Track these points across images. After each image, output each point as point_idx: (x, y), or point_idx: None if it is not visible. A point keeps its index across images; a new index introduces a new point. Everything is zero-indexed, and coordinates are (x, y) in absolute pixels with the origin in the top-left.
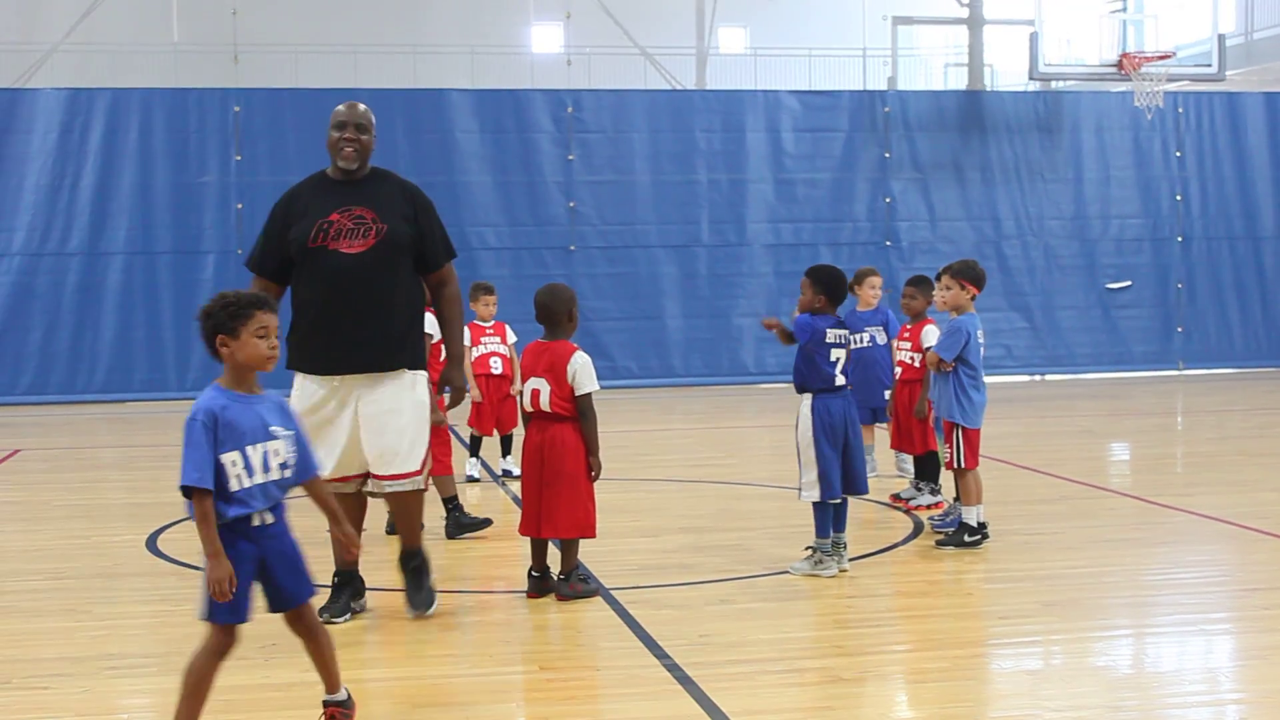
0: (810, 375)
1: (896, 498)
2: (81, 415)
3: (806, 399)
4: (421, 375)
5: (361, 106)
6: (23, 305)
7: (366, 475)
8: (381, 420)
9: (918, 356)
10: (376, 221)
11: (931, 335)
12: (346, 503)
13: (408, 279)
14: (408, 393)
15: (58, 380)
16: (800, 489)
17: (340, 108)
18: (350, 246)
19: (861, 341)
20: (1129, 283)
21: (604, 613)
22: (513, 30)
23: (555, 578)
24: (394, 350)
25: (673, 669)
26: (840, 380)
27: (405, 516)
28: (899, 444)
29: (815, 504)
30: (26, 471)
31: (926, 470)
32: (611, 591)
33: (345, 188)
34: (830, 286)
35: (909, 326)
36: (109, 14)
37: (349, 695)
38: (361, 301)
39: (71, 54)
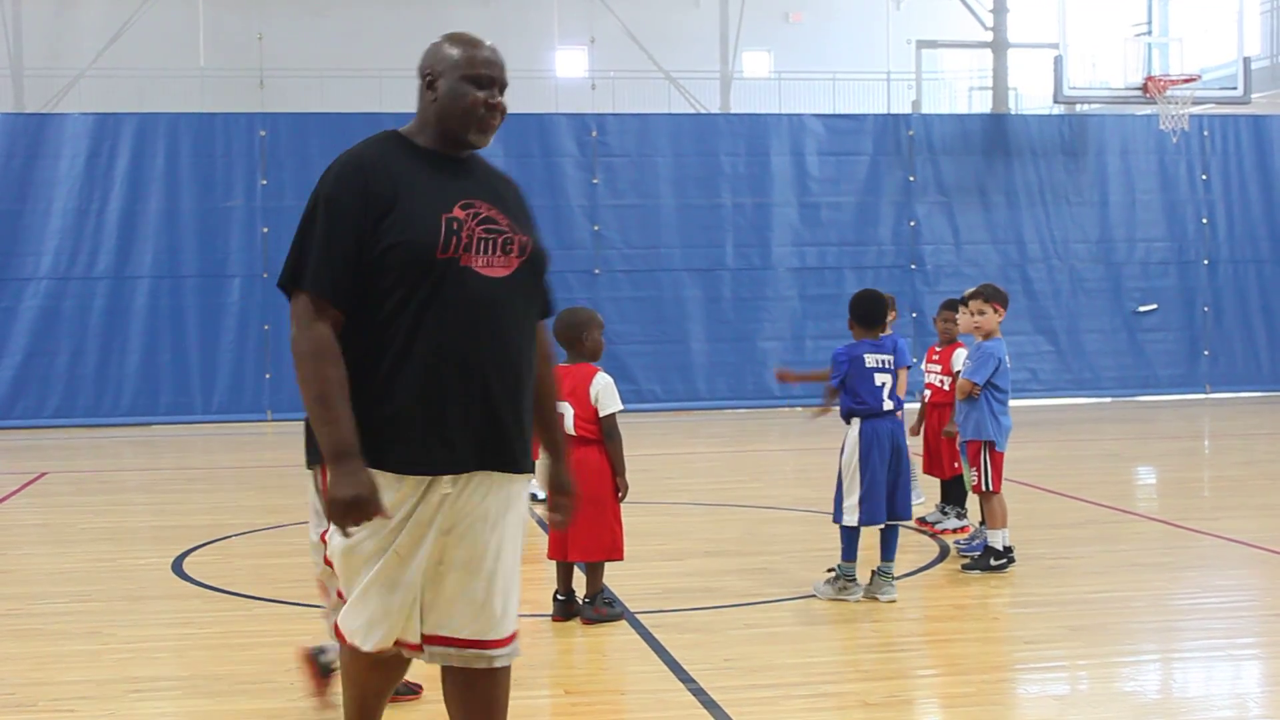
0: (855, 404)
1: (923, 521)
2: (107, 438)
3: (855, 423)
4: (529, 479)
5: (491, 44)
6: (50, 329)
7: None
8: (479, 552)
9: (948, 380)
10: (515, 231)
11: (961, 359)
12: (385, 673)
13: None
14: (519, 508)
15: (84, 403)
16: (839, 512)
17: (471, 47)
18: (490, 266)
19: None
20: (1155, 306)
21: (629, 636)
22: (537, 54)
23: (580, 601)
24: (524, 439)
25: (698, 693)
26: (888, 405)
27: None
28: (929, 468)
29: (843, 528)
30: (53, 494)
31: (952, 494)
32: (636, 615)
33: (455, 168)
34: (859, 313)
35: (938, 349)
36: (136, 39)
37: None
38: (504, 357)
39: (98, 79)
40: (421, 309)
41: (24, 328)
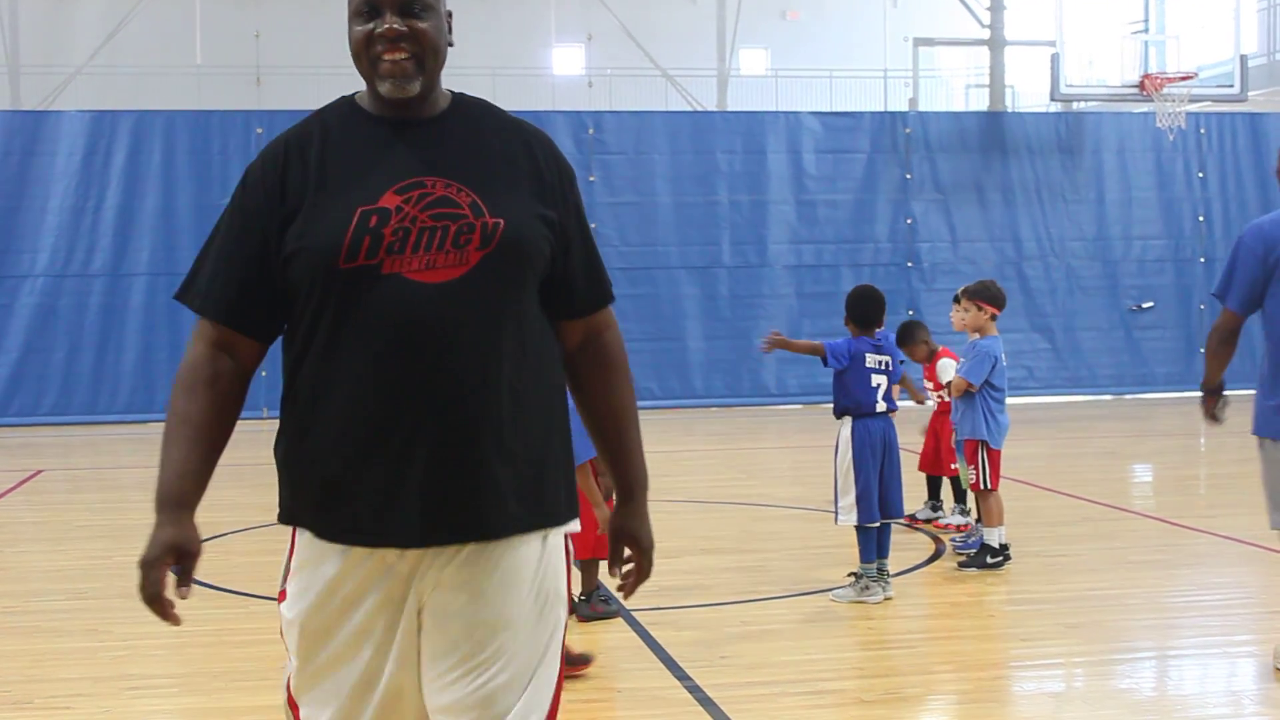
0: (848, 401)
1: (912, 518)
2: (104, 436)
3: (846, 422)
4: (561, 538)
5: None
6: (46, 326)
7: None
8: (473, 638)
9: (944, 394)
10: (481, 211)
11: (948, 369)
12: None
13: (542, 334)
14: (533, 580)
15: (80, 401)
16: (837, 513)
17: None
18: (430, 268)
19: None
20: (1151, 304)
21: (625, 634)
22: (534, 52)
23: (576, 599)
24: (521, 491)
25: (694, 690)
26: (881, 406)
27: None
28: (928, 466)
29: (858, 529)
30: (49, 492)
31: (958, 491)
32: (632, 613)
33: (405, 133)
34: (856, 309)
35: (925, 369)
36: (133, 36)
37: None
38: (457, 387)
39: (95, 76)
40: (333, 334)
41: (20, 325)
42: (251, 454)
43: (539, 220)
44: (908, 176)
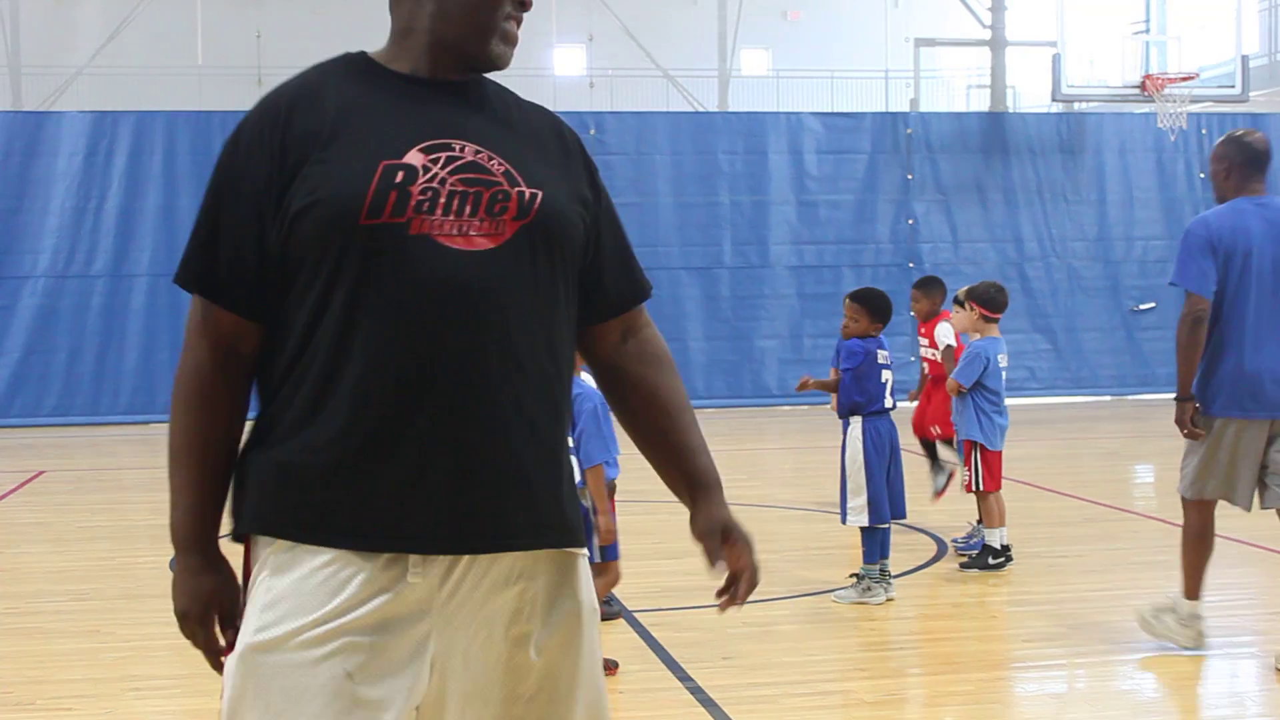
0: (861, 398)
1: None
2: (105, 437)
3: (856, 422)
4: (584, 560)
5: None
6: (47, 327)
7: None
8: (507, 668)
9: (936, 352)
10: (516, 181)
11: (945, 331)
12: None
13: (570, 330)
14: (570, 601)
15: (82, 402)
16: (844, 513)
17: None
18: (462, 234)
19: None
20: (1153, 304)
21: (627, 635)
22: (535, 53)
23: None
24: (554, 496)
25: (696, 691)
26: (889, 402)
27: None
28: (917, 429)
29: (864, 530)
30: (51, 493)
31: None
32: (634, 614)
33: (438, 96)
34: (873, 307)
35: (924, 325)
36: (134, 37)
37: None
38: (491, 367)
39: (96, 77)
40: (351, 303)
41: (21, 326)
42: None
43: (575, 199)
44: (909, 177)
